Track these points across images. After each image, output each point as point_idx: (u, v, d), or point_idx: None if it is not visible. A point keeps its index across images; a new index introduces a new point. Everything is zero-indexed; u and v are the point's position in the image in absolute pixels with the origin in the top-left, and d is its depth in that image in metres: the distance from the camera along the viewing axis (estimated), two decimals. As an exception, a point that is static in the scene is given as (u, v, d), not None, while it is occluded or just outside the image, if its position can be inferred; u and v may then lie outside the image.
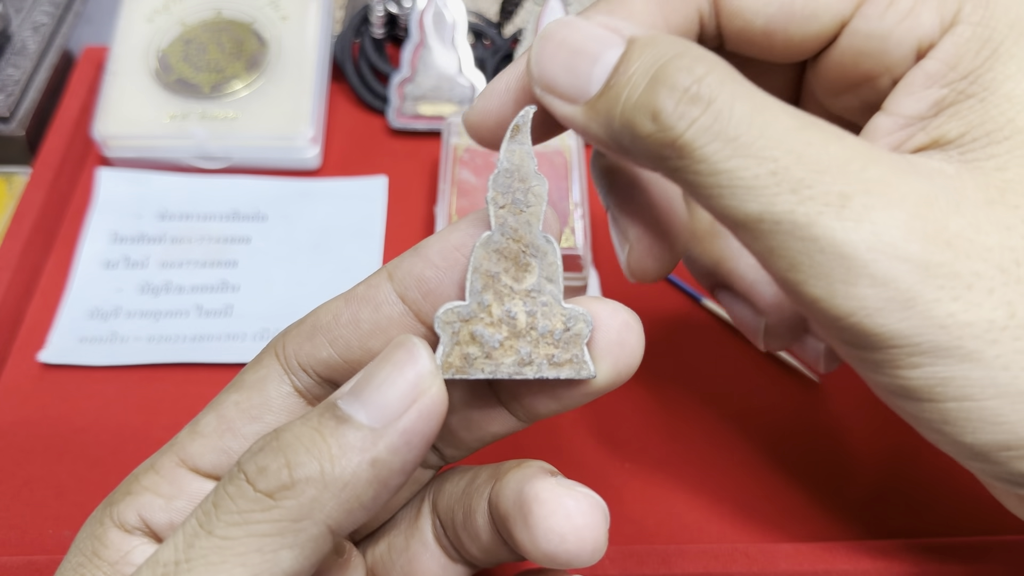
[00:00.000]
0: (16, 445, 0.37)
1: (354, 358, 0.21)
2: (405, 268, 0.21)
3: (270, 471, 0.17)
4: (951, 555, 0.32)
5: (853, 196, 0.19)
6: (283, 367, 0.21)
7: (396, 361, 0.18)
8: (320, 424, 0.18)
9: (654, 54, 0.19)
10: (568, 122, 0.21)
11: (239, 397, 0.21)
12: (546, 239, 0.20)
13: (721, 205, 0.19)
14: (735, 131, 0.18)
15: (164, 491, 0.21)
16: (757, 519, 0.35)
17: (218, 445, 0.21)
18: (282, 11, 0.50)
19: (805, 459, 0.37)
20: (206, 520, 0.17)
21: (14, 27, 0.51)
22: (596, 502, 0.20)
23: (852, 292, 0.19)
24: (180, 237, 0.44)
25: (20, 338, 0.40)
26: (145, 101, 0.47)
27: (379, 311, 0.21)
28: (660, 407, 0.38)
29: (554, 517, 0.19)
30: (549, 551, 0.19)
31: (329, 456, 0.17)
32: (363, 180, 0.47)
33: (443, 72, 0.49)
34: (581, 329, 0.20)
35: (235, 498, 0.17)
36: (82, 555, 0.20)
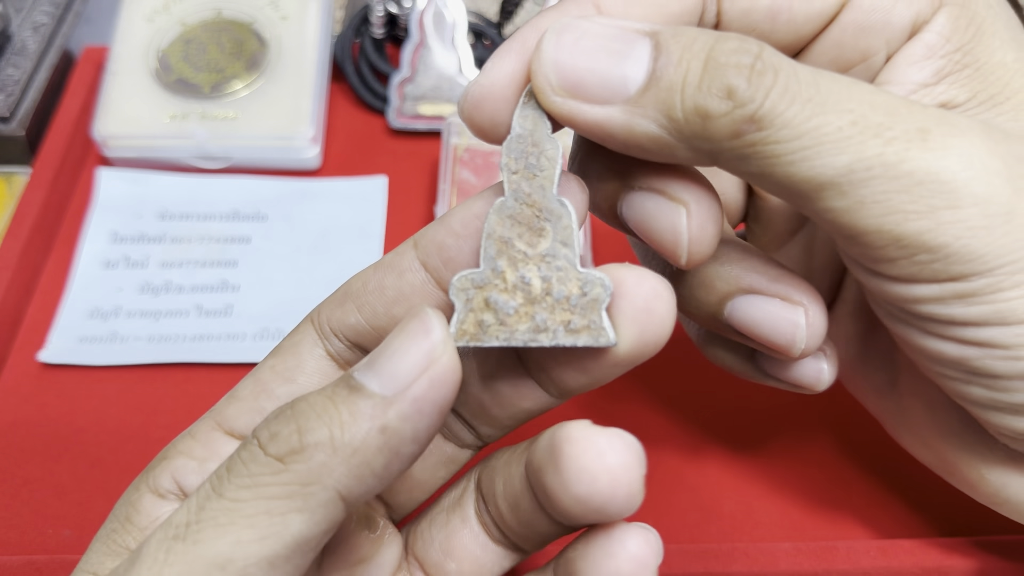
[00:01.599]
0: (16, 445, 0.37)
1: (380, 324, 0.22)
2: (428, 236, 0.21)
3: (281, 436, 0.17)
4: (951, 555, 0.32)
5: (931, 129, 0.19)
6: (317, 332, 0.22)
7: (409, 331, 0.18)
8: (333, 393, 0.18)
9: (691, 40, 0.19)
10: (599, 127, 0.20)
11: (274, 361, 0.22)
12: (560, 202, 0.20)
13: (805, 168, 0.19)
14: (809, 92, 0.19)
15: (198, 454, 0.21)
16: (757, 519, 0.35)
17: (253, 407, 0.22)
18: (282, 11, 0.50)
19: (805, 459, 0.37)
20: (218, 484, 0.18)
21: (14, 27, 0.51)
22: (630, 442, 0.19)
23: (958, 215, 0.19)
24: (180, 237, 0.44)
25: (20, 338, 0.40)
26: (145, 101, 0.47)
27: (403, 278, 0.21)
28: (660, 406, 0.38)
29: (586, 456, 0.19)
30: (579, 493, 0.19)
31: (340, 422, 0.17)
32: (363, 180, 0.47)
33: (443, 72, 0.49)
34: (599, 294, 0.20)
35: (247, 462, 0.18)
36: (116, 521, 0.21)
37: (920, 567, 0.31)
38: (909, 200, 0.19)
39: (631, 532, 0.20)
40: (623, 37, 0.19)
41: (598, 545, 0.20)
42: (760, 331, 0.25)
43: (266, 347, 0.40)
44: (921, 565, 0.31)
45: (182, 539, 0.17)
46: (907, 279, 0.21)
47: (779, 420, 0.38)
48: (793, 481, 0.36)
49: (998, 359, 0.21)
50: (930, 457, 0.29)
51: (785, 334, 0.24)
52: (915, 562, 0.31)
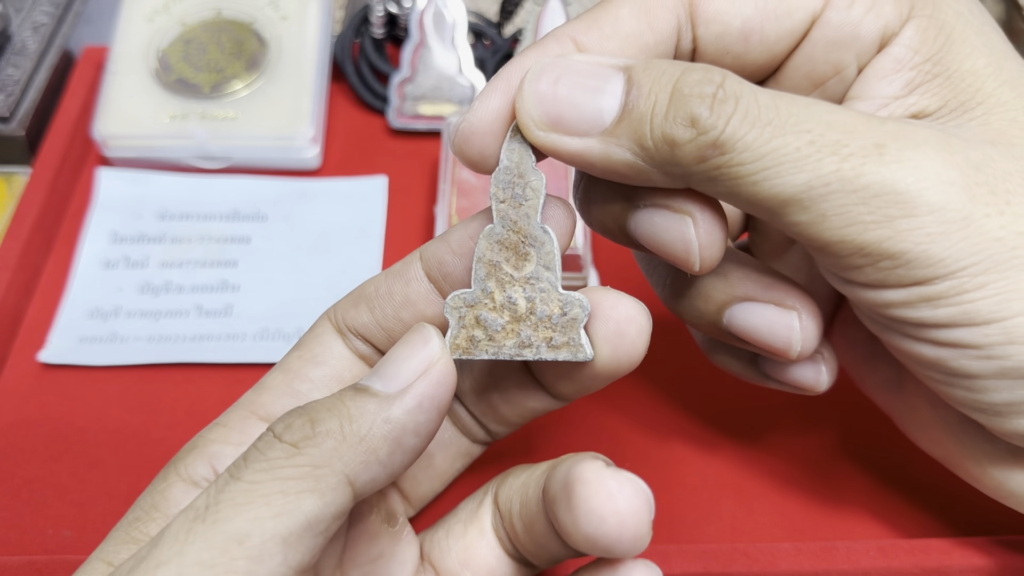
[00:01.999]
0: (16, 445, 0.37)
1: (388, 325, 0.24)
2: (431, 250, 0.24)
3: (295, 426, 0.19)
4: (951, 555, 0.32)
5: (886, 144, 0.20)
6: (335, 328, 0.24)
7: (410, 342, 0.20)
8: (342, 394, 0.20)
9: (660, 74, 0.21)
10: (580, 156, 0.21)
11: (300, 352, 0.24)
12: (544, 230, 0.22)
13: (767, 188, 0.20)
14: (767, 116, 0.20)
15: (234, 439, 0.23)
16: (757, 519, 0.35)
17: (288, 391, 0.24)
18: (282, 11, 0.50)
19: (805, 459, 0.37)
20: (235, 470, 0.19)
21: (14, 27, 0.51)
22: (640, 487, 0.21)
23: (914, 223, 0.20)
24: (180, 237, 0.44)
25: (20, 338, 0.40)
26: (145, 101, 0.47)
27: (409, 286, 0.24)
28: (660, 406, 0.38)
29: (596, 498, 0.20)
30: (589, 533, 0.20)
31: (348, 415, 0.19)
32: (363, 180, 0.47)
33: (443, 72, 0.49)
34: (577, 314, 0.22)
35: (263, 450, 0.19)
36: (140, 509, 0.22)
37: (920, 567, 0.31)
38: (867, 211, 0.20)
39: (636, 570, 0.22)
40: (598, 73, 0.21)
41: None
42: (758, 336, 0.26)
43: (266, 347, 0.40)
44: (921, 565, 0.31)
45: (202, 520, 0.18)
46: (875, 285, 0.22)
47: (779, 420, 0.38)
48: (793, 481, 0.36)
49: (972, 359, 0.22)
50: (938, 452, 0.29)
51: (781, 337, 0.26)
52: (915, 562, 0.31)
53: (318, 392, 0.24)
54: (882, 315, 0.23)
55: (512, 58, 0.23)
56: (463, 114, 0.23)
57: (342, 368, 0.24)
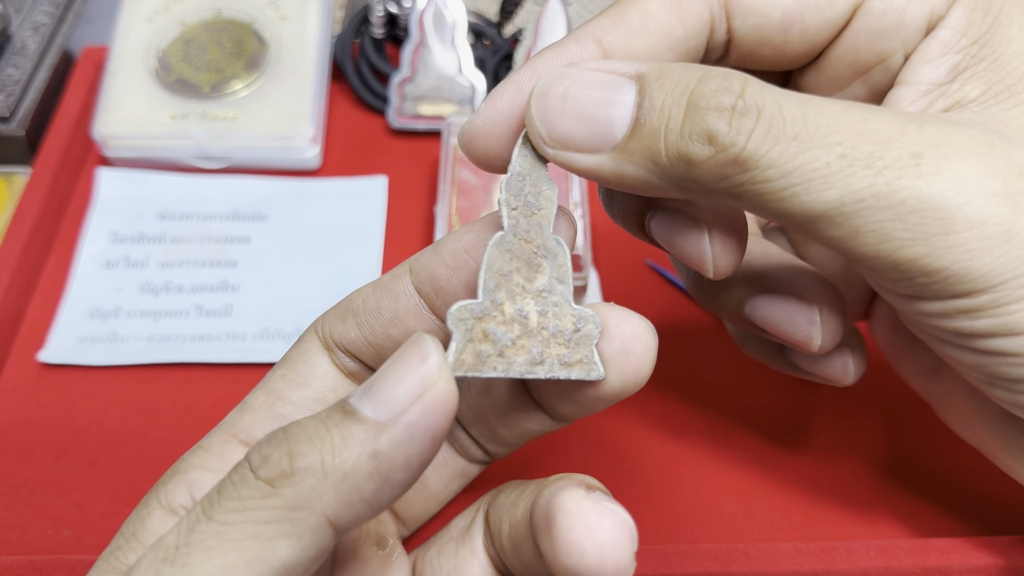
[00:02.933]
0: (16, 445, 0.37)
1: (377, 342, 0.22)
2: (422, 263, 0.22)
3: (272, 460, 0.17)
4: (951, 555, 0.32)
5: (923, 153, 0.19)
6: (322, 343, 0.23)
7: (406, 358, 0.18)
8: (327, 417, 0.18)
9: (675, 82, 0.19)
10: (592, 173, 0.20)
11: (284, 371, 0.23)
12: (557, 241, 0.21)
13: (796, 204, 0.19)
14: (794, 128, 0.19)
15: (214, 465, 0.22)
16: (757, 519, 0.35)
17: (269, 414, 0.22)
18: (282, 11, 0.50)
19: (805, 459, 0.37)
20: (208, 506, 0.18)
21: (14, 27, 0.51)
22: (622, 520, 0.19)
23: (952, 240, 0.19)
24: (180, 237, 0.44)
25: (20, 338, 0.40)
26: (145, 101, 0.47)
27: (398, 301, 0.22)
28: (660, 406, 0.38)
29: (575, 530, 0.19)
30: (569, 565, 0.19)
31: (331, 447, 0.17)
32: (363, 180, 0.47)
33: (443, 72, 0.49)
34: (591, 330, 0.21)
35: (237, 485, 0.18)
36: (121, 538, 0.21)
37: (920, 567, 0.31)
38: (903, 228, 0.19)
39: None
40: (609, 84, 0.20)
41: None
42: (778, 329, 0.26)
43: (266, 347, 0.40)
44: (921, 565, 0.31)
45: (171, 562, 0.17)
46: (913, 296, 0.21)
47: (779, 421, 0.38)
48: (793, 481, 0.36)
49: (1012, 366, 0.21)
50: (974, 439, 0.29)
51: (802, 331, 0.25)
52: (915, 562, 0.31)
53: (300, 416, 0.21)
54: (920, 322, 0.22)
55: (529, 59, 0.22)
56: (471, 114, 0.22)
57: (326, 389, 0.23)
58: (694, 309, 0.42)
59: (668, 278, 0.43)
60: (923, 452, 0.37)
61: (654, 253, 0.44)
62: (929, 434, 0.37)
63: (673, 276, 0.43)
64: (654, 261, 0.44)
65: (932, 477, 0.36)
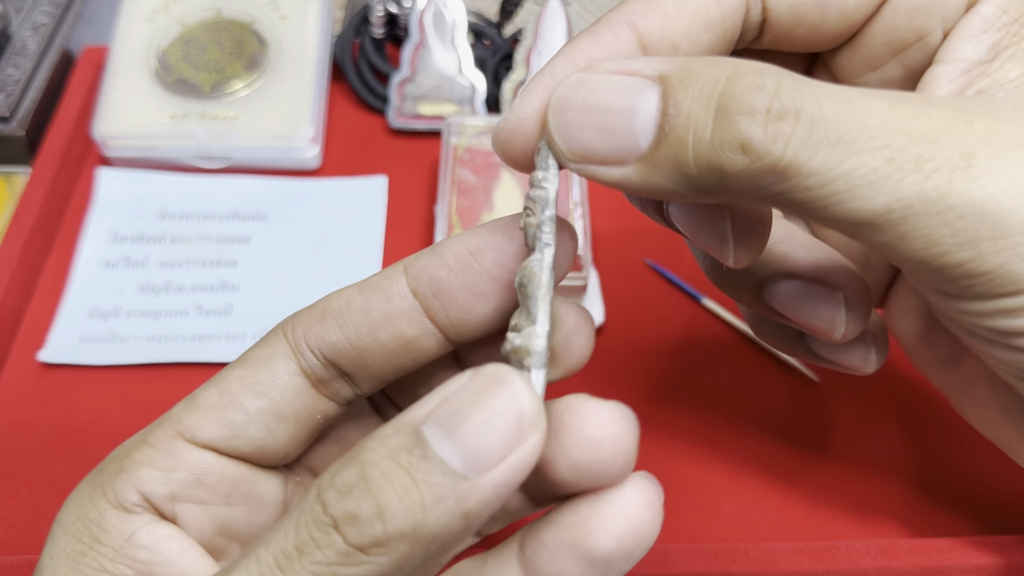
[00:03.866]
0: (16, 445, 0.37)
1: (362, 345, 0.21)
2: (420, 265, 0.21)
3: (362, 521, 0.16)
4: (951, 555, 0.32)
5: (975, 152, 0.18)
6: (291, 347, 0.21)
7: (492, 399, 0.16)
8: (408, 462, 0.16)
9: (702, 82, 0.18)
10: (620, 185, 0.19)
11: (243, 372, 0.21)
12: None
13: (841, 211, 0.18)
14: (837, 131, 0.17)
15: (162, 464, 0.21)
16: (757, 519, 0.35)
17: (220, 418, 0.21)
18: (282, 11, 0.50)
19: (805, 459, 0.37)
20: (288, 565, 0.16)
21: (14, 27, 0.51)
22: (627, 411, 0.19)
23: (1002, 244, 0.18)
24: (180, 237, 0.44)
25: (20, 338, 0.40)
26: (145, 101, 0.47)
27: (390, 302, 0.21)
28: (660, 406, 0.38)
29: (587, 424, 0.18)
30: (581, 460, 0.18)
31: (422, 506, 0.16)
32: (363, 180, 0.47)
33: (443, 72, 0.49)
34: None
35: (323, 547, 0.16)
36: (79, 542, 0.20)
37: (920, 567, 0.31)
38: (951, 234, 0.18)
39: (636, 481, 0.19)
40: (630, 88, 0.18)
41: (607, 502, 0.19)
42: (800, 315, 0.24)
43: (266, 347, 0.40)
44: (921, 565, 0.31)
45: None
46: (953, 295, 0.20)
47: (779, 421, 0.38)
48: (793, 481, 0.36)
49: None
50: (992, 432, 0.28)
51: (825, 319, 0.24)
52: (915, 562, 0.31)
53: (253, 427, 0.21)
54: (956, 318, 0.21)
55: (562, 47, 0.21)
56: (504, 113, 0.20)
57: (284, 402, 0.21)
58: (694, 309, 0.42)
59: (668, 278, 0.43)
60: (923, 452, 0.37)
61: (654, 253, 0.44)
62: (929, 434, 0.37)
63: (673, 276, 0.43)
64: (654, 261, 0.44)
65: (932, 477, 0.36)
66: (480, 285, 0.20)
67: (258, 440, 0.21)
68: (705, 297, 0.42)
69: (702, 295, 0.42)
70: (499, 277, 0.20)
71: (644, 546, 0.18)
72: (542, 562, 0.19)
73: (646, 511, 0.18)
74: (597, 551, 0.18)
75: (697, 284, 0.42)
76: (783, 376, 0.39)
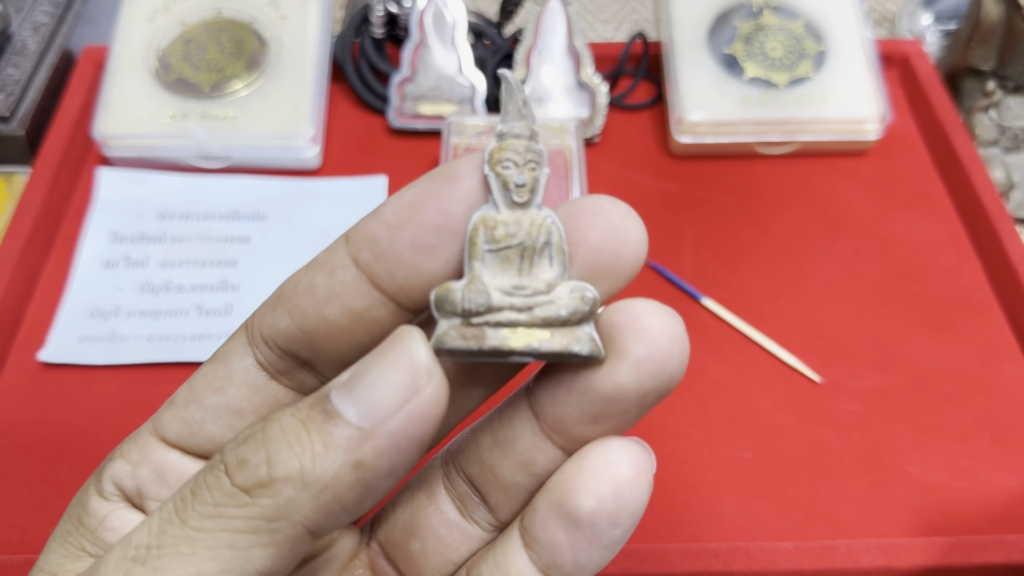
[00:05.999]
0: (16, 445, 0.37)
1: (310, 327, 0.20)
2: (359, 229, 0.19)
3: (249, 465, 0.17)
4: (951, 554, 0.32)
5: None
6: (248, 339, 0.21)
7: (390, 355, 0.17)
8: (308, 417, 0.17)
9: None
10: None
11: (208, 368, 0.21)
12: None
13: None
14: None
15: (133, 458, 0.21)
16: (757, 519, 0.35)
17: (183, 416, 0.21)
18: (282, 11, 0.50)
19: (805, 459, 0.37)
20: (182, 507, 0.17)
21: (14, 27, 0.51)
22: (672, 311, 0.18)
23: None
24: (180, 237, 0.44)
25: (20, 338, 0.40)
26: (145, 101, 0.47)
27: (333, 276, 0.19)
28: (659, 406, 0.38)
29: (643, 316, 0.18)
30: (641, 355, 0.18)
31: (311, 454, 0.16)
32: (363, 180, 0.47)
33: (443, 72, 0.49)
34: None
35: (212, 489, 0.17)
36: (70, 523, 0.21)
37: (920, 567, 0.31)
38: None
39: (625, 441, 0.19)
40: None
41: (592, 456, 0.18)
42: None
43: (266, 347, 0.40)
44: (921, 565, 0.31)
45: (142, 562, 0.17)
46: None
47: (779, 421, 0.38)
48: (793, 481, 0.36)
49: None
50: None
51: None
52: (915, 562, 0.31)
53: (211, 424, 0.21)
54: None
55: None
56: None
57: (240, 397, 0.21)
58: (695, 309, 0.42)
59: (668, 277, 0.43)
60: (923, 452, 0.37)
61: (654, 253, 0.44)
62: (930, 434, 0.37)
63: (673, 276, 0.43)
64: (654, 261, 0.44)
65: (932, 477, 0.36)
66: (424, 237, 0.19)
67: (218, 437, 0.21)
68: (705, 297, 0.42)
69: (702, 295, 0.42)
70: (444, 226, 0.19)
71: (629, 510, 0.18)
72: (536, 529, 0.19)
73: (627, 471, 0.18)
74: (579, 510, 0.18)
75: (697, 284, 0.42)
76: (783, 376, 0.39)
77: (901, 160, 0.49)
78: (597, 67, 0.50)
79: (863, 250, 0.45)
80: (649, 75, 0.53)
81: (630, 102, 0.52)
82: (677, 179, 0.47)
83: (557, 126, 0.45)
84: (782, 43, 0.50)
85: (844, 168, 0.48)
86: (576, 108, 0.49)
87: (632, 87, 0.52)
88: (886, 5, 0.63)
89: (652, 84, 0.53)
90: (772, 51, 0.49)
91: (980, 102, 0.50)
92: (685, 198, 0.47)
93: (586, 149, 0.48)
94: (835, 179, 0.48)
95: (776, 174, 0.48)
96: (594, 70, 0.49)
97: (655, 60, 0.52)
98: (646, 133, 0.50)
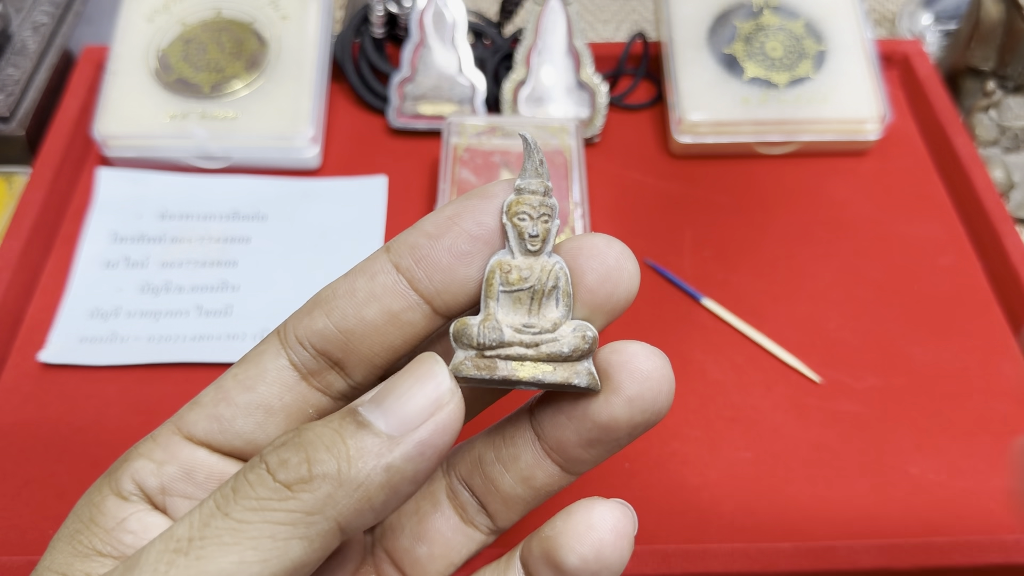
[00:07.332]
0: (16, 445, 0.37)
1: (348, 327, 0.21)
2: (401, 240, 0.22)
3: (291, 464, 0.18)
4: (951, 555, 0.32)
5: None
6: (281, 342, 0.22)
7: (417, 375, 0.19)
8: (341, 427, 0.19)
9: None
10: None
11: (238, 370, 0.22)
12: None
13: None
14: None
15: (157, 456, 0.22)
16: (757, 519, 0.35)
17: (212, 413, 0.22)
18: (282, 11, 0.50)
19: (805, 459, 0.37)
20: (224, 503, 0.18)
21: (14, 27, 0.51)
22: (661, 353, 0.21)
23: None
24: (180, 237, 0.44)
25: (20, 338, 0.40)
26: (145, 101, 0.47)
27: (375, 279, 0.21)
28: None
29: (636, 359, 0.20)
30: (633, 392, 0.20)
31: (347, 457, 0.18)
32: (363, 180, 0.47)
33: (443, 72, 0.49)
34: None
35: (255, 485, 0.18)
36: (79, 522, 0.22)
37: (920, 567, 0.31)
38: None
39: (608, 505, 0.21)
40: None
41: (578, 518, 0.21)
42: None
43: (266, 347, 0.40)
44: (921, 565, 0.31)
45: (184, 553, 0.18)
46: None
47: (779, 421, 0.38)
48: (793, 481, 0.36)
49: None
50: None
51: None
52: (915, 562, 0.31)
53: (241, 421, 0.22)
54: None
55: None
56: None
57: (271, 396, 0.22)
58: (695, 309, 0.42)
59: (668, 278, 0.43)
60: (923, 452, 0.37)
61: (654, 253, 0.44)
62: (929, 435, 0.37)
63: (673, 276, 0.43)
64: (654, 261, 0.44)
65: (932, 477, 0.36)
66: (461, 245, 0.21)
67: (247, 434, 0.22)
68: (705, 297, 0.42)
69: (702, 295, 0.42)
70: (479, 235, 0.21)
71: (611, 568, 0.20)
72: (532, 567, 0.21)
73: (609, 536, 0.20)
74: (565, 565, 0.20)
75: (697, 284, 0.42)
76: (783, 376, 0.39)
77: (901, 160, 0.49)
78: (597, 67, 0.50)
79: (863, 250, 0.45)
80: (649, 75, 0.53)
81: (630, 102, 0.52)
82: (677, 179, 0.47)
83: (557, 126, 0.45)
84: (782, 43, 0.50)
85: (844, 168, 0.48)
86: (576, 108, 0.49)
87: (632, 87, 0.52)
88: (886, 5, 0.63)
89: (652, 84, 0.53)
90: (772, 51, 0.49)
91: (980, 102, 0.50)
92: (685, 198, 0.46)
93: (586, 149, 0.48)
94: (835, 179, 0.48)
95: (776, 174, 0.48)
96: (594, 70, 0.49)
97: (655, 60, 0.52)
98: (646, 133, 0.50)
